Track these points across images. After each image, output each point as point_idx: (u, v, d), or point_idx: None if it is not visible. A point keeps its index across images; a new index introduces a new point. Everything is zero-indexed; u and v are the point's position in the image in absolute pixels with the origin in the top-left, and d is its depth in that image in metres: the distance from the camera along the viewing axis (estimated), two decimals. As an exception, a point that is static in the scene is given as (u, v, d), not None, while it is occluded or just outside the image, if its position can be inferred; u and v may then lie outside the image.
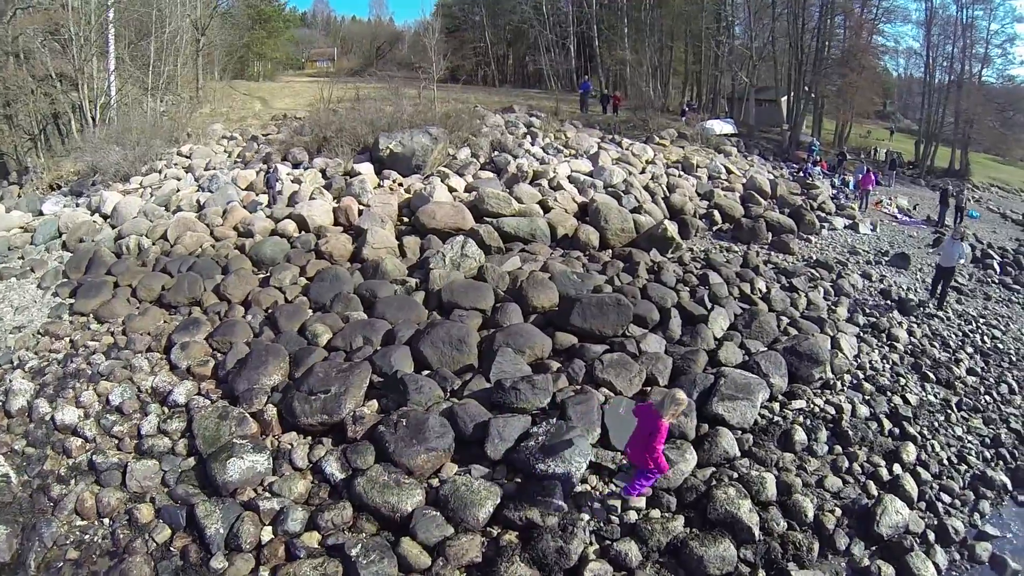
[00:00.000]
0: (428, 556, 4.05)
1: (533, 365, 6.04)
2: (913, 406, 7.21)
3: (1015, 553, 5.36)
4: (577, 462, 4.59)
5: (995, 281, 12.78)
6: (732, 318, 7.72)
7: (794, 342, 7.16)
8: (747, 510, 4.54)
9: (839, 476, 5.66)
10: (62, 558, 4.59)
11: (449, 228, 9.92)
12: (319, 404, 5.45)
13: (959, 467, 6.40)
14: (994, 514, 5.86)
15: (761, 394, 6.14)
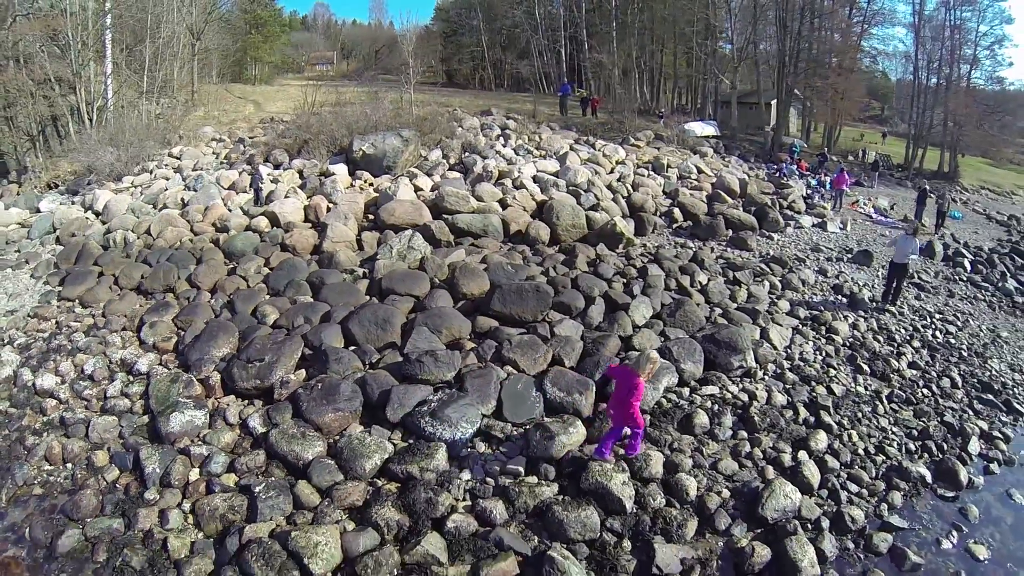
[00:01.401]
0: (318, 496, 4.89)
1: (449, 344, 6.88)
2: (837, 396, 7.40)
3: (922, 546, 5.43)
4: (463, 427, 5.35)
5: (963, 279, 13.10)
6: (659, 307, 8.26)
7: (715, 330, 7.59)
8: (619, 483, 4.92)
9: (737, 460, 5.89)
10: (29, 494, 5.54)
11: (406, 224, 10.83)
12: (254, 371, 6.37)
13: (875, 458, 6.47)
14: (906, 506, 5.93)
15: (666, 378, 6.53)
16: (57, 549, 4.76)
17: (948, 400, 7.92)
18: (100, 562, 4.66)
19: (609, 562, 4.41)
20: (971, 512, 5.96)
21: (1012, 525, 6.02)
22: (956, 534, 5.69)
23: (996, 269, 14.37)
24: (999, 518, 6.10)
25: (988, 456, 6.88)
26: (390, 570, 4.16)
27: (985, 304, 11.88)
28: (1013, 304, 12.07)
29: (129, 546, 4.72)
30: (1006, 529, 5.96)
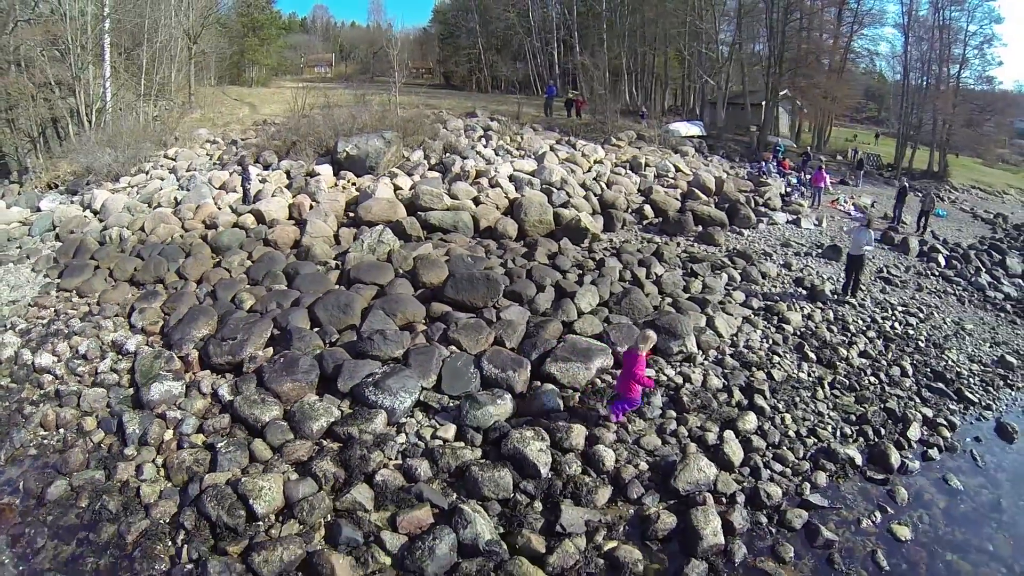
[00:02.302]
0: (271, 452, 5.67)
1: (404, 326, 7.65)
2: (776, 381, 7.74)
3: (840, 525, 5.66)
4: (402, 397, 6.08)
5: (935, 274, 13.43)
6: (607, 296, 8.85)
7: (656, 317, 8.14)
8: (536, 450, 5.45)
9: (661, 437, 6.32)
10: (25, 455, 6.37)
11: (382, 220, 11.64)
12: (227, 348, 7.19)
13: (806, 440, 6.74)
14: (831, 486, 6.18)
15: (599, 360, 7.04)
16: (46, 497, 5.56)
17: (896, 388, 8.20)
18: (82, 507, 5.46)
19: (518, 519, 4.99)
20: (899, 495, 6.17)
21: (944, 509, 6.21)
22: (879, 515, 5.91)
23: (971, 264, 14.67)
24: (930, 502, 6.30)
25: (928, 442, 7.09)
26: (323, 513, 4.92)
27: (955, 298, 12.17)
28: (984, 298, 12.31)
29: (107, 493, 5.52)
30: (937, 512, 6.15)
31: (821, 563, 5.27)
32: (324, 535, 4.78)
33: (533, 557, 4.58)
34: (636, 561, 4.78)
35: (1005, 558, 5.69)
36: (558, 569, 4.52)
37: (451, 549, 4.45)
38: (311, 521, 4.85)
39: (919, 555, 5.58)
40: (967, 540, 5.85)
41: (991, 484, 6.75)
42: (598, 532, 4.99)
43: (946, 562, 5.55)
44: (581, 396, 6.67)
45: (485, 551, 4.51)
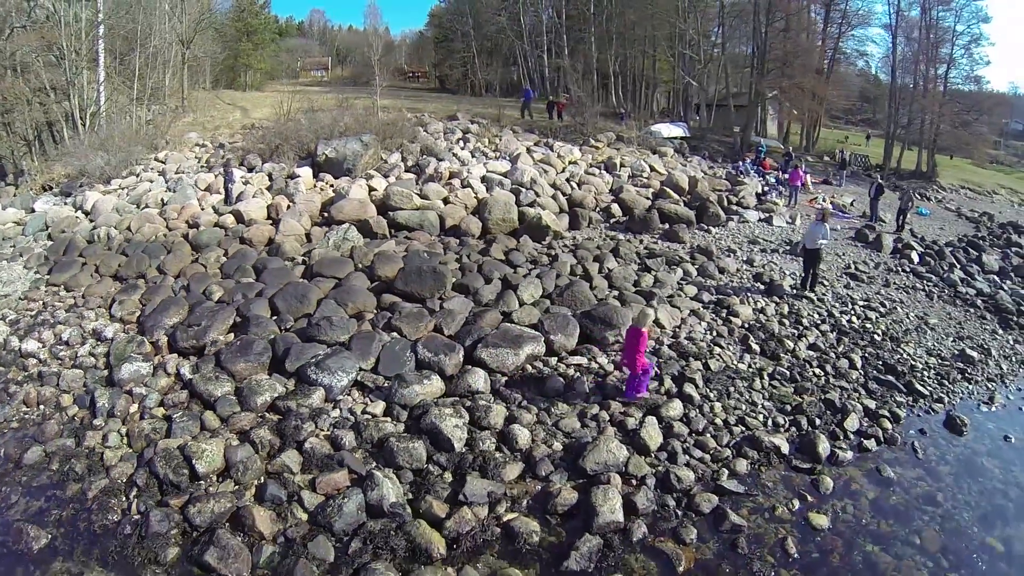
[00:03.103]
0: (219, 423, 6.45)
1: (354, 315, 8.43)
2: (712, 371, 7.98)
3: (754, 511, 5.80)
4: (339, 376, 6.81)
5: (906, 270, 13.65)
6: (552, 288, 9.45)
7: (593, 308, 8.67)
8: (451, 426, 5.98)
9: (582, 420, 6.67)
10: (7, 428, 7.20)
11: (352, 219, 12.44)
12: (192, 333, 8.00)
13: (733, 428, 6.92)
14: (752, 474, 6.31)
15: (530, 347, 7.54)
16: (23, 461, 6.35)
17: (841, 380, 8.35)
18: (53, 470, 6.24)
19: (426, 487, 5.54)
20: (824, 484, 6.23)
21: (872, 500, 6.22)
22: (798, 503, 6.00)
23: (944, 261, 14.83)
24: (858, 492, 6.32)
25: (866, 433, 7.19)
26: (256, 475, 5.68)
27: (923, 294, 12.32)
28: (955, 294, 12.44)
29: (76, 457, 6.30)
30: (863, 503, 6.16)
31: (724, 547, 5.38)
32: (254, 493, 5.52)
33: (433, 521, 5.12)
34: (532, 532, 5.20)
35: (931, 552, 5.62)
36: (454, 533, 5.04)
37: (359, 508, 5.12)
38: (245, 481, 5.62)
39: (834, 544, 5.58)
40: (893, 532, 5.83)
41: (930, 477, 6.77)
42: (500, 503, 5.46)
43: (864, 553, 5.51)
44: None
45: (389, 512, 5.12)
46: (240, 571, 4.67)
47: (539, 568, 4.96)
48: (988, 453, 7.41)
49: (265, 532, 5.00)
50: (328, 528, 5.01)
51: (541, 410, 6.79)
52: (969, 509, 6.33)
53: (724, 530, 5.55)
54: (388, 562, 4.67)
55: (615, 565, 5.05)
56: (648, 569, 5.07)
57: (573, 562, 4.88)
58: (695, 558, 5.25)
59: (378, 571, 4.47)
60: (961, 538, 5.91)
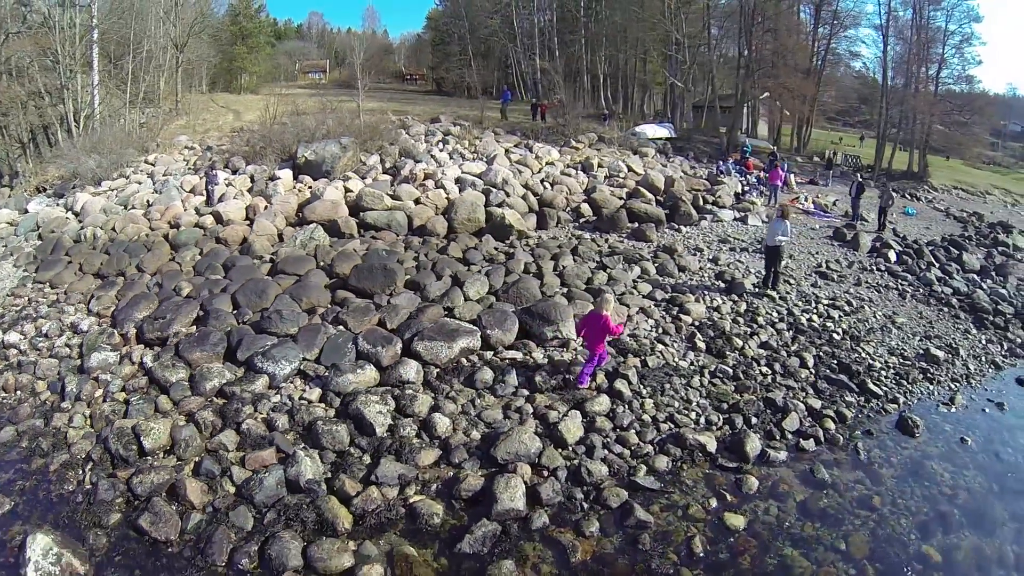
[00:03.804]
0: (171, 405, 7.13)
1: (308, 310, 9.11)
2: (650, 368, 8.10)
3: (666, 508, 5.84)
4: (283, 365, 7.45)
5: (882, 269, 13.71)
6: (499, 284, 9.93)
7: (533, 304, 8.98)
8: (375, 412, 6.43)
9: (505, 412, 6.91)
10: (-15, 412, 7.98)
11: (324, 220, 13.14)
12: (157, 326, 8.72)
13: (661, 425, 6.99)
14: (673, 471, 6.36)
15: (464, 340, 7.92)
16: (-3, 439, 7.13)
17: (789, 379, 8.35)
18: (23, 447, 6.94)
19: (344, 467, 5.98)
20: (747, 484, 6.21)
21: (801, 502, 6.13)
22: (716, 502, 5.99)
23: (923, 260, 14.86)
24: (785, 493, 6.23)
25: (806, 433, 7.18)
26: (196, 451, 6.33)
27: (896, 293, 12.29)
28: (930, 293, 12.43)
29: (43, 436, 7.00)
30: (789, 505, 6.08)
31: (626, 542, 5.42)
32: (193, 468, 6.18)
33: (344, 498, 5.57)
34: (434, 514, 5.51)
35: (857, 559, 5.44)
36: (360, 510, 5.47)
37: (278, 483, 5.72)
38: (186, 456, 6.29)
39: (747, 546, 5.50)
40: (817, 536, 5.70)
41: (870, 479, 6.63)
42: (410, 486, 5.83)
43: (780, 556, 5.41)
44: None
45: (305, 488, 5.64)
46: (168, 535, 5.32)
47: (436, 548, 5.26)
48: (940, 456, 7.22)
49: (196, 502, 5.66)
50: (250, 500, 5.63)
51: (467, 401, 7.15)
52: (908, 515, 6.13)
53: (629, 525, 5.58)
54: (296, 532, 5.22)
55: (508, 551, 5.23)
56: (543, 558, 5.23)
57: (467, 545, 5.18)
58: (593, 551, 5.33)
59: (284, 539, 5.04)
60: (894, 545, 5.69)
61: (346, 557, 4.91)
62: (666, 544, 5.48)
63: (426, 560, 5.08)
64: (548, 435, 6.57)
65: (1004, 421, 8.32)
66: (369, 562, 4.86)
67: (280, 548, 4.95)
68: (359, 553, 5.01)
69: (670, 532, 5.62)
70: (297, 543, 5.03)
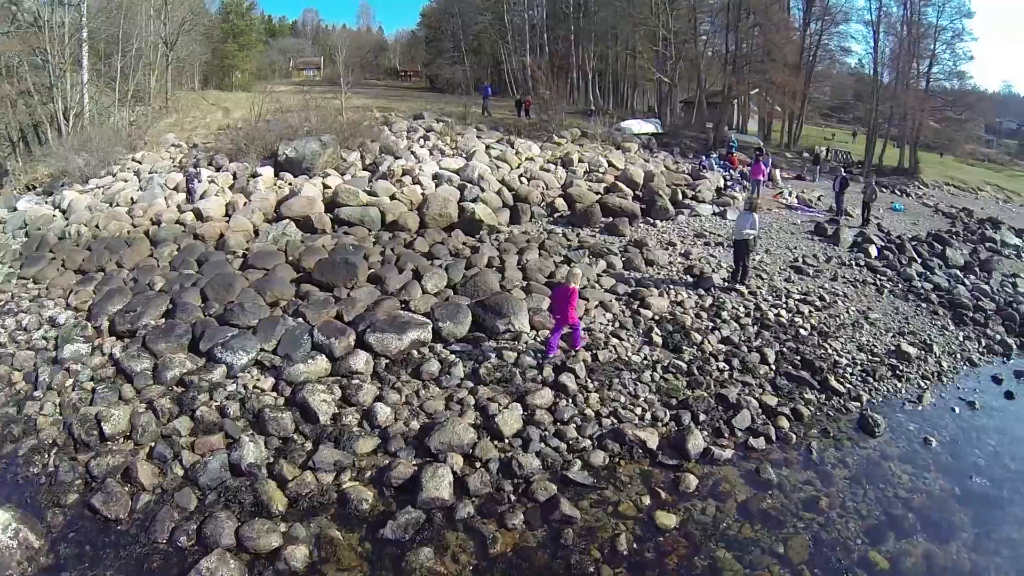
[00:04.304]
0: (134, 393, 7.55)
1: (272, 303, 9.52)
2: (600, 362, 8.18)
3: (596, 504, 5.89)
4: (240, 355, 7.84)
5: (861, 264, 13.69)
6: (459, 278, 10.14)
7: (486, 297, 9.18)
8: (319, 400, 6.76)
9: (447, 403, 7.08)
10: (-38, 402, 8.45)
11: (299, 216, 13.53)
12: (128, 318, 9.17)
13: (603, 420, 7.03)
14: (609, 467, 6.39)
15: (415, 333, 8.20)
16: (-28, 427, 7.58)
17: (747, 375, 8.31)
18: (-4, 432, 7.48)
19: (287, 453, 6.34)
20: (685, 482, 6.20)
21: (742, 502, 6.04)
22: (649, 500, 5.98)
23: (904, 255, 14.85)
24: (725, 493, 6.17)
25: (756, 431, 7.16)
26: (152, 437, 6.74)
27: (874, 288, 12.27)
28: (909, 288, 12.44)
29: (15, 423, 7.42)
30: (728, 505, 6.00)
31: (549, 537, 5.47)
32: (148, 452, 6.61)
33: (281, 482, 5.92)
34: (364, 499, 5.77)
35: (795, 563, 5.32)
36: (294, 493, 5.82)
37: (222, 467, 6.12)
38: (142, 441, 6.72)
39: (676, 546, 5.45)
40: (754, 538, 5.60)
41: (820, 480, 6.52)
42: (345, 472, 6.10)
43: (712, 557, 5.33)
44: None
45: (246, 471, 6.03)
46: (118, 514, 5.75)
47: (362, 533, 5.49)
48: (900, 457, 7.10)
49: (146, 484, 6.09)
50: (195, 482, 6.05)
51: (412, 392, 7.37)
52: (858, 518, 6.00)
53: (554, 520, 5.62)
54: (232, 513, 5.62)
55: (430, 539, 5.40)
56: (463, 547, 5.35)
57: (389, 531, 5.39)
58: (514, 543, 5.40)
59: (220, 519, 5.44)
60: (837, 550, 5.53)
61: (275, 537, 5.28)
62: (590, 540, 5.47)
63: (351, 544, 5.34)
64: (486, 427, 6.74)
65: (974, 421, 8.18)
66: (296, 543, 5.24)
67: (215, 527, 5.36)
68: (288, 534, 5.38)
69: (596, 528, 5.62)
70: (232, 523, 5.42)
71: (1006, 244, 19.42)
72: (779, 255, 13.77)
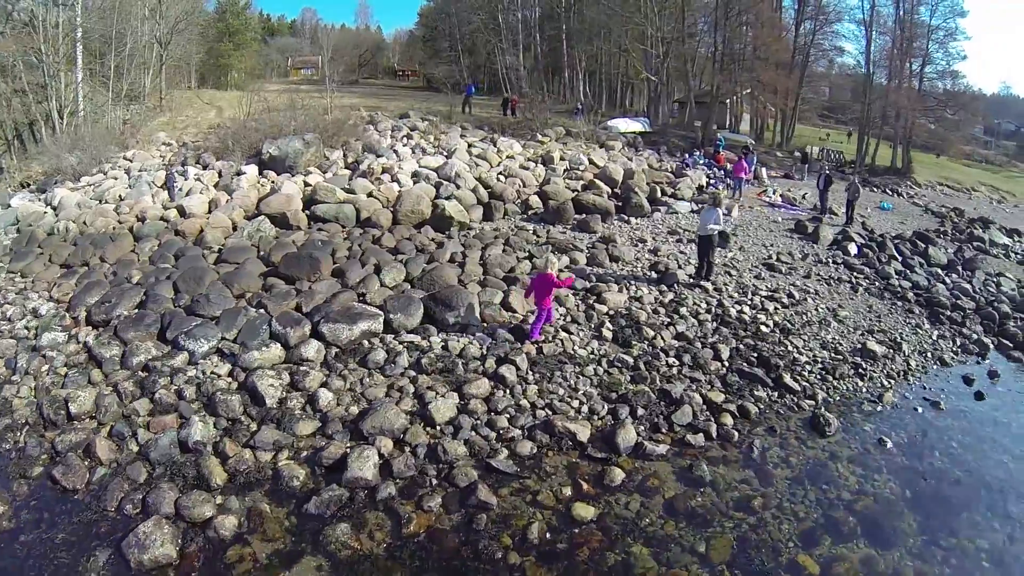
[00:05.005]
0: (102, 377, 8.16)
1: (238, 295, 10.12)
2: (545, 355, 8.38)
3: (516, 493, 6.04)
4: (202, 343, 8.39)
5: (838, 262, 13.84)
6: (418, 272, 10.54)
7: (436, 290, 9.58)
8: (267, 385, 7.22)
9: (388, 390, 7.45)
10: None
11: (277, 212, 14.15)
12: (103, 309, 9.80)
13: (538, 411, 7.24)
14: (535, 457, 6.61)
15: (366, 323, 8.59)
16: (-50, 410, 8.23)
17: (696, 371, 8.39)
18: (-27, 416, 8.12)
19: (233, 433, 6.79)
20: (611, 475, 6.29)
21: (668, 498, 6.06)
22: (570, 491, 6.09)
23: (884, 253, 15.11)
24: (652, 488, 6.22)
25: (697, 427, 7.27)
26: (113, 417, 7.33)
27: (849, 286, 12.37)
28: (885, 287, 12.54)
29: (-7, 404, 8.17)
30: (654, 500, 6.05)
31: (463, 521, 5.65)
32: (108, 430, 7.22)
33: (223, 458, 6.42)
34: (295, 477, 6.16)
35: (714, 563, 5.30)
36: (233, 469, 6.30)
37: (171, 444, 6.67)
38: (105, 420, 7.32)
39: (591, 538, 5.50)
40: (675, 536, 5.61)
41: (759, 480, 6.48)
42: (283, 451, 6.55)
43: (626, 552, 5.35)
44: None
45: (193, 448, 6.54)
46: (76, 484, 6.34)
47: (290, 508, 5.89)
48: (850, 458, 6.99)
49: (103, 458, 6.68)
50: (147, 457, 6.64)
51: (356, 379, 7.74)
52: (793, 520, 5.90)
53: (471, 505, 5.80)
54: (175, 485, 6.19)
55: (349, 515, 5.73)
56: (380, 525, 5.65)
57: (312, 506, 5.78)
58: (428, 525, 5.64)
59: (163, 490, 5.99)
60: (764, 551, 5.45)
61: (208, 508, 5.83)
62: (503, 527, 5.60)
63: (278, 517, 5.79)
64: (420, 414, 7.08)
65: (936, 422, 8.10)
66: (228, 513, 5.78)
67: (157, 496, 5.93)
68: (222, 506, 5.91)
69: (511, 516, 5.75)
70: (173, 493, 5.99)
71: (995, 243, 19.57)
72: (753, 252, 13.99)
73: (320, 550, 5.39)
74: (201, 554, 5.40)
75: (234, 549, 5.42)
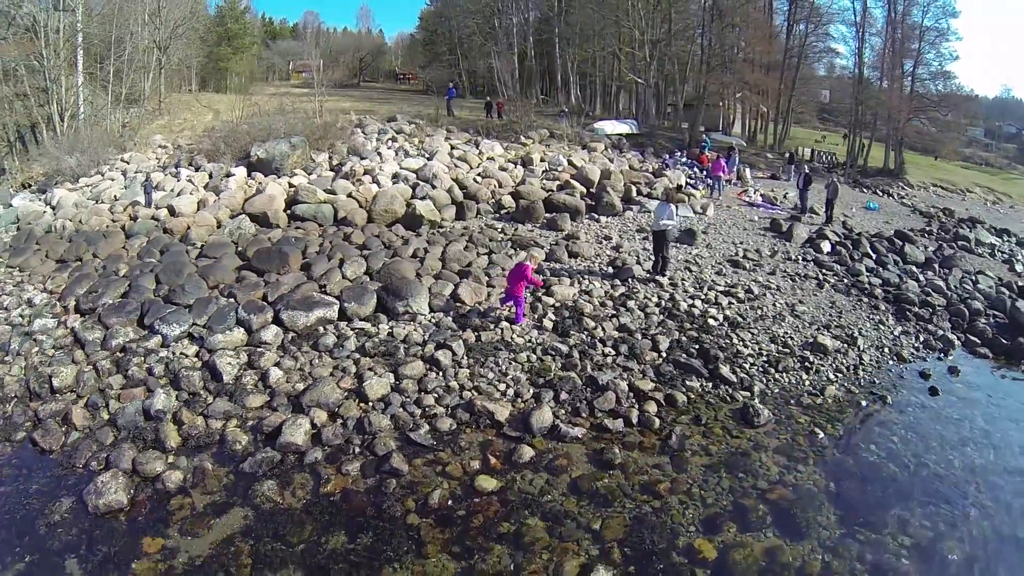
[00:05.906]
0: (84, 356, 9.23)
1: (213, 286, 11.18)
2: (482, 341, 9.07)
3: (428, 464, 6.61)
4: (174, 327, 9.44)
5: (808, 259, 14.34)
6: (379, 266, 11.37)
7: (388, 281, 10.47)
8: (225, 363, 8.21)
9: (332, 370, 8.31)
10: (-50, 366, 10.27)
11: (260, 212, 15.25)
12: (91, 298, 10.93)
13: (465, 393, 7.86)
14: (453, 433, 7.18)
15: (321, 311, 9.54)
16: (-48, 386, 9.36)
17: (631, 360, 8.80)
18: (-30, 390, 9.23)
19: (192, 404, 7.77)
20: (520, 453, 6.75)
21: (574, 478, 6.37)
22: (479, 465, 6.61)
23: (858, 251, 15.63)
24: (559, 468, 6.58)
25: (617, 413, 7.66)
26: (90, 390, 8.39)
27: (815, 282, 12.74)
28: (853, 283, 12.83)
29: (-14, 381, 9.27)
30: (559, 480, 6.37)
31: (375, 484, 6.34)
32: (86, 401, 8.28)
33: (179, 424, 7.39)
34: (238, 441, 7.12)
35: (605, 539, 5.48)
36: (185, 434, 7.27)
37: (136, 412, 7.68)
38: (83, 393, 8.39)
39: (489, 508, 5.88)
40: (573, 512, 5.85)
41: (673, 466, 6.65)
42: (231, 420, 7.54)
43: (520, 523, 5.70)
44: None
45: (154, 416, 7.52)
46: (52, 445, 7.39)
47: (230, 468, 6.78)
48: (776, 449, 7.07)
49: (78, 424, 7.73)
50: (114, 423, 7.68)
51: (307, 360, 8.67)
52: (700, 506, 6.04)
53: (384, 471, 6.49)
54: (135, 446, 7.17)
55: (277, 475, 6.58)
56: (302, 485, 6.44)
57: (247, 465, 6.71)
58: (342, 486, 6.38)
59: (123, 449, 6.93)
60: (659, 533, 5.59)
61: (159, 464, 6.86)
62: (409, 492, 6.21)
63: (218, 475, 6.71)
64: (356, 391, 7.91)
65: (880, 416, 8.17)
66: (175, 470, 6.78)
67: (118, 455, 6.97)
68: (172, 464, 6.94)
69: (419, 483, 6.34)
70: (131, 453, 7.03)
71: (980, 243, 20.00)
72: (721, 249, 14.58)
73: (248, 503, 6.27)
74: (148, 502, 6.41)
75: (176, 499, 6.39)
